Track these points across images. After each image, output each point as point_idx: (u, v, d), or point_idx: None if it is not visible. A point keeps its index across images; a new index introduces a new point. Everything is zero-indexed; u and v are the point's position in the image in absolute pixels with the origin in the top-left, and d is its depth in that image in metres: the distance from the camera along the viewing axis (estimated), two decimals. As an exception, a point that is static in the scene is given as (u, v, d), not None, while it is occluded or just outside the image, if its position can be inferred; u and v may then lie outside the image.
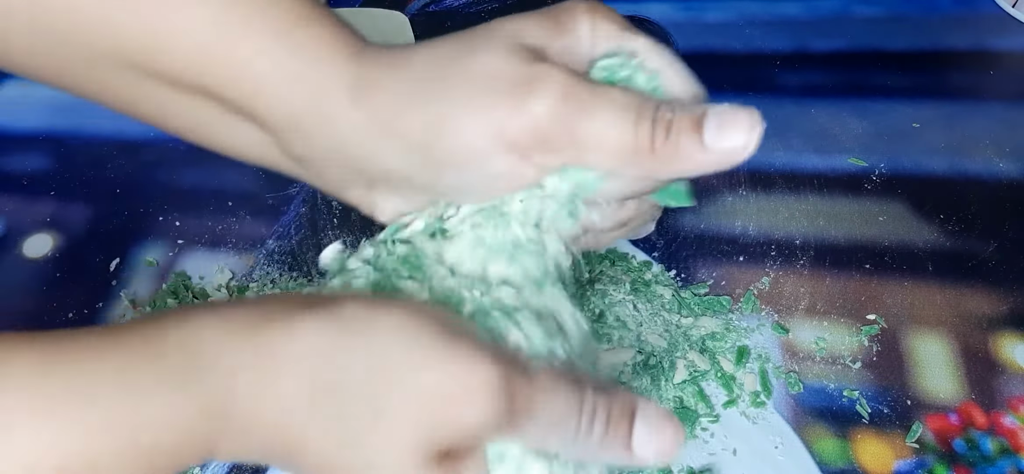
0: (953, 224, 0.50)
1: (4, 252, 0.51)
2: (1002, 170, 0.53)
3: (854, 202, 0.52)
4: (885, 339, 0.45)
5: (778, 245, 0.49)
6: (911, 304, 0.46)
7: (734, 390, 0.43)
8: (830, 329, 0.45)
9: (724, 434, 0.41)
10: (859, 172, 0.53)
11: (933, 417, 0.42)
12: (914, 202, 0.51)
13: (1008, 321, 0.46)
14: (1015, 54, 0.61)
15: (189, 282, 0.48)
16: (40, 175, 0.55)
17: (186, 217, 0.52)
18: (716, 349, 0.44)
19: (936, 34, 0.63)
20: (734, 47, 0.62)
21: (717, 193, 0.52)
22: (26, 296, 0.48)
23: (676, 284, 0.47)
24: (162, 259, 0.50)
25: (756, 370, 0.44)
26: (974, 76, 0.60)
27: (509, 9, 0.65)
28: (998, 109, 0.57)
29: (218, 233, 0.51)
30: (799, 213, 0.51)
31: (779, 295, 0.47)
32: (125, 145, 0.56)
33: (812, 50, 0.62)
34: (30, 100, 0.60)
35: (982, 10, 0.64)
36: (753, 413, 0.42)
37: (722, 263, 0.48)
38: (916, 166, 0.54)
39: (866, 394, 0.43)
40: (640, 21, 0.64)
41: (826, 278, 0.48)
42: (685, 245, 0.49)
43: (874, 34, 0.63)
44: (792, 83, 0.60)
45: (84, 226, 0.52)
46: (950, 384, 0.43)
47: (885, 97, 0.58)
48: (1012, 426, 0.42)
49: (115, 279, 0.49)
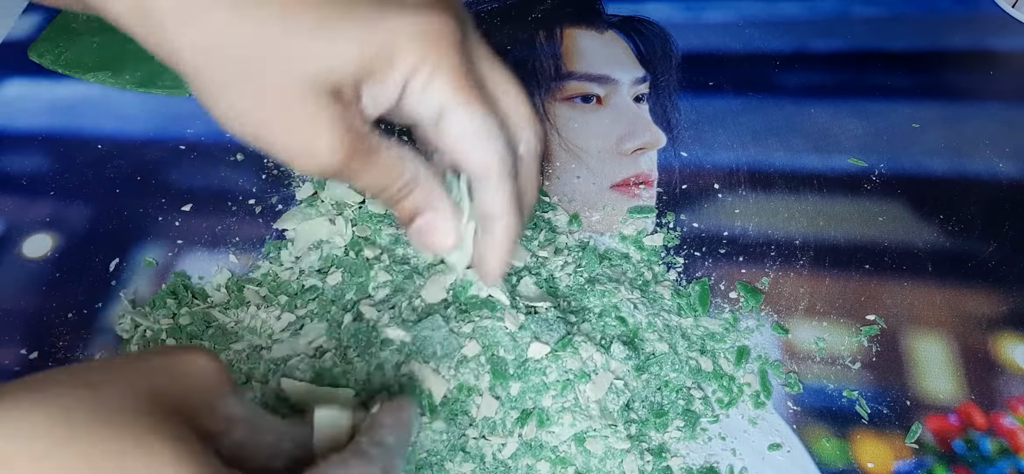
0: (953, 224, 0.50)
1: (4, 252, 0.51)
2: (1002, 170, 0.53)
3: (854, 202, 0.52)
4: (885, 339, 0.45)
5: (778, 245, 0.49)
6: (911, 304, 0.46)
7: (734, 390, 0.43)
8: (830, 329, 0.45)
9: (724, 434, 0.41)
10: (859, 172, 0.53)
11: (932, 417, 0.42)
12: (914, 202, 0.51)
13: (1008, 321, 0.46)
14: (1015, 54, 0.61)
15: (189, 282, 0.48)
16: (40, 175, 0.55)
17: (186, 217, 0.52)
18: (716, 349, 0.44)
19: (936, 34, 0.63)
20: (734, 47, 0.62)
21: (717, 193, 0.52)
22: (26, 296, 0.48)
23: (676, 284, 0.47)
24: (162, 259, 0.50)
25: (756, 370, 0.44)
26: (974, 76, 0.60)
27: (508, 9, 0.65)
28: (998, 109, 0.57)
29: (218, 233, 0.51)
30: (799, 213, 0.51)
31: (779, 295, 0.47)
32: (125, 145, 0.56)
33: (812, 50, 0.62)
34: (30, 100, 0.60)
35: (982, 10, 0.64)
36: (753, 413, 0.42)
37: (722, 263, 0.48)
38: (916, 166, 0.54)
39: (866, 394, 0.43)
40: (640, 21, 0.64)
41: (826, 278, 0.48)
42: (685, 245, 0.49)
43: (874, 34, 0.63)
44: (792, 83, 0.60)
45: (84, 226, 0.52)
46: (950, 384, 0.43)
47: (885, 97, 0.58)
48: (1012, 426, 0.42)
49: (115, 279, 0.49)
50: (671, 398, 0.42)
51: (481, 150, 0.31)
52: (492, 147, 0.31)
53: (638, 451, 0.39)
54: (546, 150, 0.55)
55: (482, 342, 0.41)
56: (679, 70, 0.61)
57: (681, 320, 0.45)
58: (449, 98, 0.30)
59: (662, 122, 0.57)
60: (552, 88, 0.59)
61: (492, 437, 0.39)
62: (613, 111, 0.57)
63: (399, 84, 0.29)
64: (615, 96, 0.58)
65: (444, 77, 0.29)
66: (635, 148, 0.55)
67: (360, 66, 0.28)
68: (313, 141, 0.29)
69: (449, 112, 0.30)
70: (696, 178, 0.53)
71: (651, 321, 0.44)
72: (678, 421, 0.41)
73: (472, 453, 0.39)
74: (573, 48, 0.62)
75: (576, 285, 0.46)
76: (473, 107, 0.30)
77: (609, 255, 0.48)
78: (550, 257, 0.47)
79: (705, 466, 0.40)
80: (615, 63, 0.61)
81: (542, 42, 0.63)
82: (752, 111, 0.58)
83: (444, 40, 0.29)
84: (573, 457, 0.39)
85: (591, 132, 0.56)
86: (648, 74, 0.60)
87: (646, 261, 0.48)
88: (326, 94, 0.29)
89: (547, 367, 0.41)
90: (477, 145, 0.31)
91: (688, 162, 0.54)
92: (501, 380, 0.40)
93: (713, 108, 0.58)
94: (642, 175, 0.53)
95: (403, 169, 0.31)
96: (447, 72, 0.29)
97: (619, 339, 0.43)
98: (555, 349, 0.41)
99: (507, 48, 0.62)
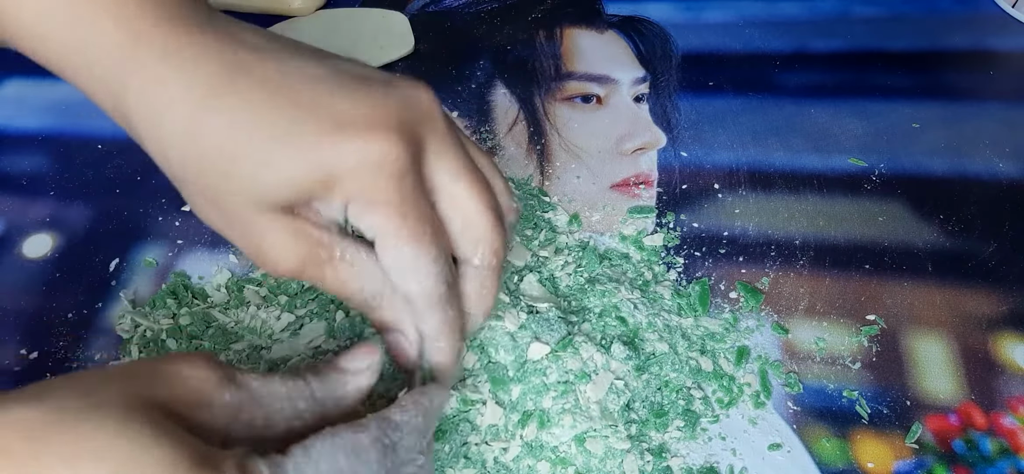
0: (953, 224, 0.50)
1: (4, 252, 0.51)
2: (1002, 170, 0.53)
3: (854, 202, 0.52)
4: (885, 339, 0.45)
5: (778, 245, 0.49)
6: (911, 304, 0.46)
7: (734, 390, 0.43)
8: (830, 329, 0.45)
9: (724, 434, 0.41)
10: (859, 172, 0.53)
11: (932, 417, 0.42)
12: (914, 202, 0.51)
13: (1008, 321, 0.46)
14: (1015, 54, 0.61)
15: (189, 282, 0.48)
16: (40, 175, 0.55)
17: (186, 217, 0.52)
18: (716, 349, 0.44)
19: (936, 34, 0.63)
20: (734, 47, 0.62)
21: (717, 193, 0.52)
22: (26, 296, 0.48)
23: (676, 284, 0.47)
24: (162, 259, 0.50)
25: (756, 370, 0.44)
26: (974, 76, 0.60)
27: (508, 9, 0.65)
28: (998, 109, 0.57)
29: (218, 233, 0.51)
30: (799, 213, 0.51)
31: (779, 295, 0.47)
32: (125, 145, 0.56)
33: (812, 50, 0.62)
34: (30, 100, 0.60)
35: (982, 10, 0.64)
36: (753, 413, 0.42)
37: (722, 263, 0.48)
38: (916, 166, 0.54)
39: (866, 394, 0.43)
40: (640, 21, 0.64)
41: (826, 278, 0.48)
42: (685, 245, 0.49)
43: (874, 34, 0.63)
44: (792, 83, 0.60)
45: (84, 226, 0.52)
46: (950, 384, 0.43)
47: (885, 97, 0.58)
48: (1012, 426, 0.42)
49: (115, 279, 0.49)
50: (671, 398, 0.42)
51: (409, 282, 0.32)
52: (419, 279, 0.32)
53: (638, 451, 0.39)
54: (546, 150, 0.55)
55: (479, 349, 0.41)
56: (679, 70, 0.61)
57: (681, 320, 0.45)
58: (380, 229, 0.31)
59: (662, 122, 0.57)
60: (552, 88, 0.59)
61: (494, 442, 0.39)
62: (613, 111, 0.57)
63: (341, 208, 0.31)
64: (615, 96, 0.58)
65: (378, 211, 0.30)
66: (635, 148, 0.55)
67: (302, 190, 0.30)
68: (267, 251, 0.31)
69: (381, 242, 0.31)
70: (696, 178, 0.53)
71: (651, 321, 0.44)
72: (678, 421, 0.41)
73: (474, 459, 0.39)
74: (573, 48, 0.62)
75: (576, 285, 0.46)
76: (401, 244, 0.31)
77: (609, 255, 0.48)
78: (550, 257, 0.47)
79: (705, 466, 0.40)
80: (615, 63, 0.61)
81: (542, 42, 0.63)
82: (752, 111, 0.58)
83: (383, 172, 0.30)
84: (573, 457, 0.39)
85: (591, 132, 0.56)
86: (648, 74, 0.60)
87: (646, 261, 0.48)
88: (274, 210, 0.30)
89: (547, 368, 0.41)
90: (405, 277, 0.32)
91: (688, 162, 0.54)
92: (501, 386, 0.40)
93: (713, 108, 0.58)
94: (642, 175, 0.53)
95: (363, 283, 0.32)
96: (382, 207, 0.30)
97: (619, 339, 0.43)
98: (555, 350, 0.41)
99: (507, 48, 0.62)
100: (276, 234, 0.30)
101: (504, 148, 0.55)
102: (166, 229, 0.51)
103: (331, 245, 0.31)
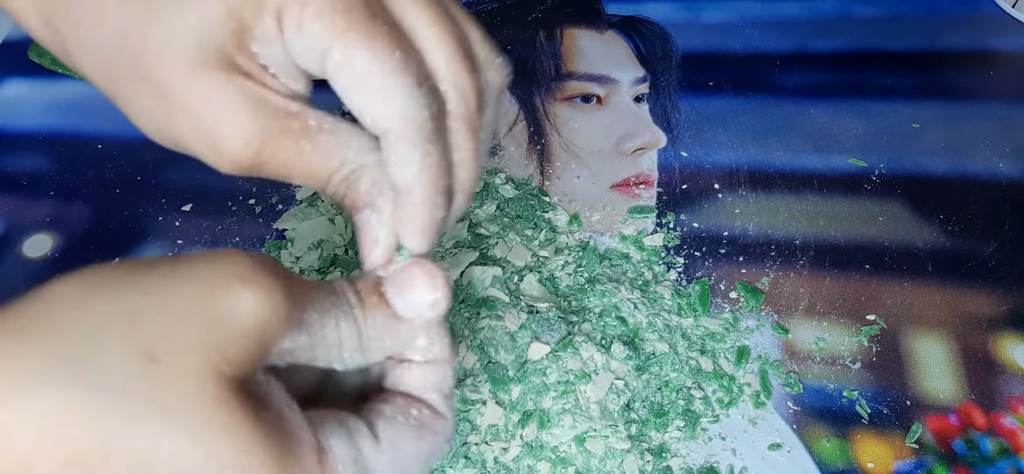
0: (953, 224, 0.50)
1: (4, 252, 0.51)
2: (1002, 170, 0.53)
3: (854, 202, 0.52)
4: (885, 339, 0.45)
5: (778, 245, 0.49)
6: (911, 304, 0.46)
7: (734, 390, 0.43)
8: (830, 329, 0.45)
9: (724, 434, 0.41)
10: (859, 172, 0.53)
11: (932, 417, 0.42)
12: (914, 202, 0.51)
13: (1008, 321, 0.46)
14: (1015, 54, 0.61)
15: (189, 282, 0.48)
16: (40, 175, 0.55)
17: (186, 217, 0.52)
18: (716, 349, 0.44)
19: (936, 34, 0.63)
20: (734, 47, 0.62)
21: (717, 193, 0.52)
22: (26, 296, 0.48)
23: (676, 284, 0.47)
24: (162, 259, 0.50)
25: (756, 370, 0.44)
26: (974, 76, 0.60)
27: (508, 9, 0.65)
28: (998, 109, 0.57)
29: (218, 233, 0.51)
30: (799, 213, 0.51)
31: (779, 295, 0.47)
32: (125, 145, 0.56)
33: (812, 50, 0.62)
34: (30, 100, 0.60)
35: (982, 10, 0.64)
36: (753, 413, 0.42)
37: (722, 263, 0.48)
38: (916, 166, 0.54)
39: (866, 394, 0.43)
40: (640, 21, 0.64)
41: (826, 278, 0.48)
42: (685, 245, 0.49)
43: (874, 34, 0.63)
44: (792, 83, 0.60)
45: (84, 226, 0.52)
46: (950, 384, 0.43)
47: (885, 97, 0.58)
48: (1012, 426, 0.42)
49: (115, 279, 0.49)
50: (671, 398, 0.42)
51: (373, 102, 0.24)
52: (389, 97, 0.24)
53: (638, 451, 0.39)
54: (546, 150, 0.55)
55: (479, 349, 0.41)
56: (679, 70, 0.61)
57: (681, 320, 0.45)
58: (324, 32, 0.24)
59: (662, 122, 0.57)
60: (552, 88, 0.59)
61: (494, 442, 0.39)
62: (613, 111, 0.57)
63: (275, 28, 0.24)
64: (615, 96, 0.58)
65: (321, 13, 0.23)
66: (635, 148, 0.55)
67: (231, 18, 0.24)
68: (220, 127, 0.24)
69: (330, 53, 0.24)
70: (696, 178, 0.53)
71: (651, 321, 0.44)
72: (678, 421, 0.41)
73: (474, 459, 0.39)
74: (573, 48, 0.62)
75: (576, 285, 0.46)
76: (356, 44, 0.24)
77: (609, 255, 0.48)
78: (550, 257, 0.47)
79: (705, 466, 0.40)
80: (615, 63, 0.61)
81: (542, 42, 0.63)
82: (752, 111, 0.58)
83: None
84: (573, 457, 0.39)
85: (591, 132, 0.56)
86: (648, 74, 0.60)
87: (646, 261, 0.48)
88: (215, 67, 0.24)
89: (547, 368, 0.41)
90: (366, 95, 0.24)
91: (688, 162, 0.54)
92: (501, 386, 0.40)
93: (713, 108, 0.58)
94: (642, 175, 0.53)
95: (349, 152, 0.26)
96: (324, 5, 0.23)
97: (619, 339, 0.43)
98: (555, 349, 0.41)
99: (507, 48, 0.62)
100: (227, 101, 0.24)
101: (504, 148, 0.55)
102: (166, 229, 0.51)
103: (302, 113, 0.25)
